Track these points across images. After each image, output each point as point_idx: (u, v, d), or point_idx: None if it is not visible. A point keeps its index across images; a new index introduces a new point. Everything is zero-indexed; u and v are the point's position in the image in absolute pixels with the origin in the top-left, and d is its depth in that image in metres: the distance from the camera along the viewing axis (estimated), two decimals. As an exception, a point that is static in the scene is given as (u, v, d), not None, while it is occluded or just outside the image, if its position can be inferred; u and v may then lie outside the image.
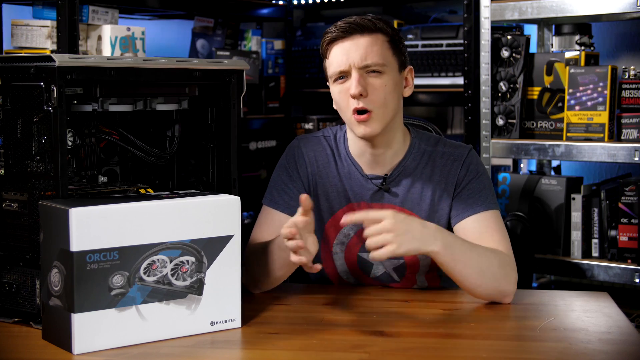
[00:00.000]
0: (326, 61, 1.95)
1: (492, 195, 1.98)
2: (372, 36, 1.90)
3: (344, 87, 1.91)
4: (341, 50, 1.90)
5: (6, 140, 1.71)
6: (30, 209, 1.67)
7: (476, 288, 1.83)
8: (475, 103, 3.03)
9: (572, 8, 2.77)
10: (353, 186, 2.01)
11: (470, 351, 1.58)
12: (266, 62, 3.68)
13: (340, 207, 2.02)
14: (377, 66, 1.89)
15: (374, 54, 1.89)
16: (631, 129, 2.73)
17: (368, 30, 1.90)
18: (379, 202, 2.00)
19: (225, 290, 1.67)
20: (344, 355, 1.54)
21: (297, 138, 2.11)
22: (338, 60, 1.90)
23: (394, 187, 1.99)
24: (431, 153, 2.01)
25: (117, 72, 1.70)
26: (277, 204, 2.01)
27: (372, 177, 2.00)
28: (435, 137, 2.06)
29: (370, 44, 1.89)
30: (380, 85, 1.89)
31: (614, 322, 1.73)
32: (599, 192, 2.88)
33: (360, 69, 1.88)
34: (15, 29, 2.71)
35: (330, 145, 2.06)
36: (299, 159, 2.05)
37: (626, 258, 2.77)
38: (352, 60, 1.88)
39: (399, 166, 1.99)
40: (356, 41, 1.89)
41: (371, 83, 1.89)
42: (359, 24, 1.90)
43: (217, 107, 1.93)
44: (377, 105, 1.89)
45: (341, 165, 2.03)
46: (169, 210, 1.60)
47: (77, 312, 1.52)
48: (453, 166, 1.98)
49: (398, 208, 1.98)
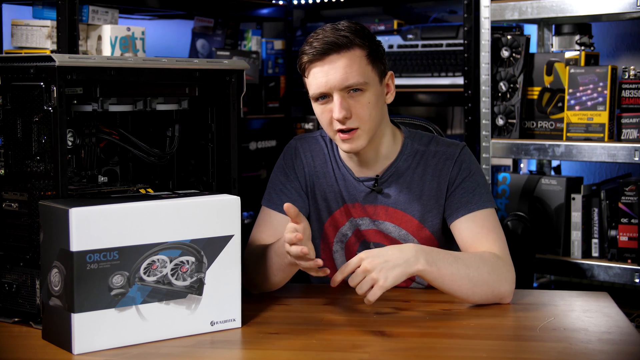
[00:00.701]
0: (305, 79, 1.92)
1: (487, 193, 1.95)
2: (349, 53, 1.85)
3: (326, 107, 1.88)
4: (320, 72, 1.86)
5: (6, 140, 1.71)
6: (30, 209, 1.67)
7: (470, 297, 1.81)
8: (475, 103, 3.03)
9: (572, 8, 2.76)
10: (347, 187, 2.01)
11: (470, 351, 1.58)
12: (266, 62, 3.68)
13: (337, 207, 2.02)
14: (359, 85, 1.86)
15: (354, 74, 1.85)
16: (631, 129, 2.73)
17: (345, 48, 1.84)
18: (372, 203, 2.00)
19: (225, 290, 1.67)
20: (344, 355, 1.54)
21: (295, 138, 2.10)
22: (317, 83, 1.87)
23: (386, 189, 1.99)
24: (423, 152, 2.00)
25: (117, 72, 1.70)
26: (275, 204, 2.01)
27: (364, 179, 2.00)
28: (428, 136, 2.04)
29: (348, 64, 1.84)
30: (363, 104, 1.87)
31: (614, 322, 1.73)
32: (599, 192, 2.88)
33: (341, 90, 1.85)
34: (15, 29, 2.71)
35: (327, 145, 2.06)
36: (297, 159, 2.05)
37: (626, 258, 2.77)
38: (332, 83, 1.84)
39: (390, 167, 1.98)
40: (334, 63, 1.84)
41: (354, 103, 1.86)
42: (335, 42, 1.84)
43: (217, 107, 1.93)
44: (363, 121, 1.87)
45: (335, 166, 2.04)
46: (169, 210, 1.60)
47: (77, 312, 1.52)
48: (445, 165, 1.97)
49: (391, 210, 1.98)
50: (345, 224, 2.02)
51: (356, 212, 2.01)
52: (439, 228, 1.99)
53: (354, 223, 2.02)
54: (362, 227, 2.01)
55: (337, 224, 2.03)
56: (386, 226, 2.00)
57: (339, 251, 2.04)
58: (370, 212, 2.00)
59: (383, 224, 2.00)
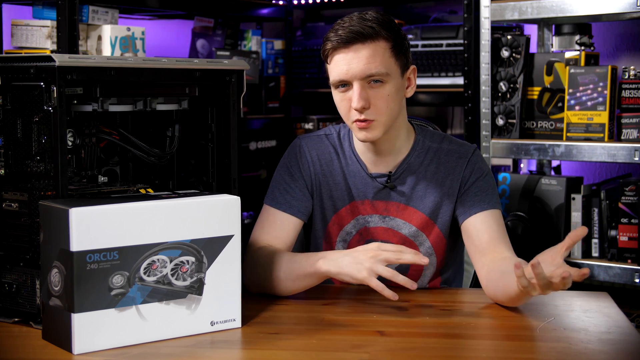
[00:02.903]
0: (327, 65, 1.93)
1: (497, 195, 1.98)
2: (373, 44, 1.86)
3: (345, 95, 1.89)
4: (342, 60, 1.87)
5: (6, 140, 1.71)
6: (30, 209, 1.67)
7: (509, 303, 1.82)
8: (475, 103, 3.03)
9: (572, 8, 2.76)
10: (357, 184, 2.01)
11: (470, 351, 1.58)
12: (266, 62, 3.68)
13: (343, 205, 2.02)
14: (380, 76, 1.86)
15: (376, 64, 1.85)
16: (631, 129, 2.73)
17: (370, 38, 1.85)
18: (384, 200, 2.00)
19: (225, 290, 1.67)
20: (344, 355, 1.54)
21: (299, 137, 2.10)
22: (339, 70, 1.88)
23: (399, 185, 1.99)
24: (436, 150, 2.01)
25: (117, 72, 1.70)
26: (279, 203, 2.01)
27: (377, 175, 2.00)
28: (440, 134, 2.06)
29: (372, 55, 1.85)
30: (382, 96, 1.87)
31: (614, 322, 1.73)
32: (599, 192, 2.88)
33: (362, 80, 1.86)
34: (15, 29, 2.71)
35: (333, 143, 2.06)
36: (302, 158, 2.05)
37: (626, 258, 2.77)
38: (354, 72, 1.85)
39: (403, 163, 1.99)
40: (357, 52, 1.85)
41: (373, 94, 1.87)
42: (360, 32, 1.85)
43: (217, 107, 1.93)
44: (380, 114, 1.88)
45: (345, 163, 2.03)
46: (169, 210, 1.60)
47: (77, 312, 1.52)
48: (458, 163, 1.98)
49: (402, 206, 1.99)
50: (351, 222, 2.02)
51: (365, 209, 2.01)
52: (447, 226, 1.99)
53: (360, 221, 2.02)
54: (371, 224, 2.01)
55: (341, 222, 2.03)
56: (397, 222, 2.00)
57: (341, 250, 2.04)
58: (381, 208, 2.00)
59: (394, 220, 2.00)
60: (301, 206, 2.01)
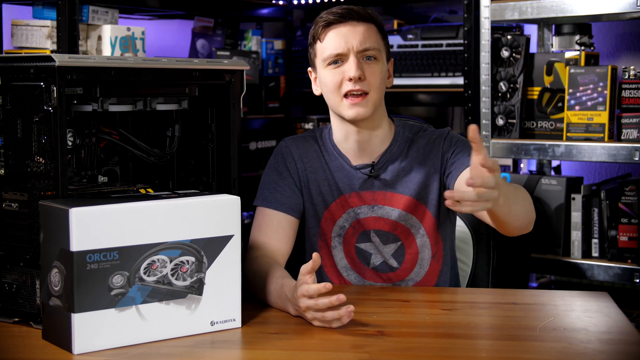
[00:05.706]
0: (318, 45, 1.99)
1: None
2: (367, 24, 1.98)
3: (338, 70, 1.96)
4: (338, 34, 1.96)
5: (6, 140, 1.71)
6: (30, 209, 1.67)
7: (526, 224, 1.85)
8: (475, 103, 3.03)
9: (572, 8, 2.77)
10: (342, 177, 2.05)
11: (470, 351, 1.58)
12: (266, 62, 3.68)
13: (333, 199, 2.05)
14: (374, 51, 1.96)
15: (372, 40, 1.96)
16: (631, 129, 2.73)
17: (364, 19, 1.97)
18: (370, 189, 2.03)
19: (225, 290, 1.67)
20: (344, 355, 1.54)
21: (284, 139, 2.15)
22: (335, 44, 1.96)
23: (382, 174, 2.03)
24: (416, 139, 2.07)
25: (117, 72, 1.70)
26: (270, 203, 2.03)
27: (360, 166, 2.04)
28: (417, 126, 2.12)
29: (367, 31, 1.96)
30: (376, 72, 1.96)
31: (614, 322, 1.73)
32: (599, 192, 2.88)
33: (358, 52, 1.94)
34: (15, 29, 2.71)
35: (317, 142, 2.10)
36: (288, 157, 2.08)
37: (626, 258, 2.77)
38: (351, 44, 1.95)
39: (385, 153, 2.04)
40: (354, 26, 1.96)
41: (367, 69, 1.96)
42: (356, 11, 1.98)
43: (217, 107, 1.93)
44: (373, 89, 1.96)
45: (329, 159, 2.07)
46: (169, 210, 1.60)
47: (77, 312, 1.52)
48: (435, 143, 2.04)
49: (389, 194, 2.03)
50: (342, 215, 2.04)
51: (353, 201, 2.04)
52: (435, 203, 2.02)
53: (351, 214, 2.04)
54: (361, 215, 2.03)
55: (334, 217, 2.04)
56: (385, 210, 2.03)
57: (338, 247, 2.05)
58: (368, 198, 2.03)
59: (382, 208, 2.03)
60: (292, 203, 2.03)
